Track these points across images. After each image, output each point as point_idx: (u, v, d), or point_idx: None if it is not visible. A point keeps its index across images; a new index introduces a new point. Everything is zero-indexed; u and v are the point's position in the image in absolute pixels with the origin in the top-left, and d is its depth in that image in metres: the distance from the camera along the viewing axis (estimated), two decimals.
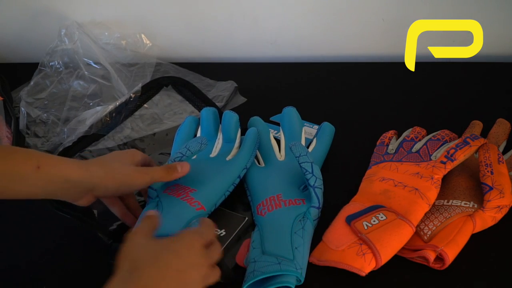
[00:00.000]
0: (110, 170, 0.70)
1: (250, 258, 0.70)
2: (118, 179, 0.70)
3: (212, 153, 0.85)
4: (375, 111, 0.98)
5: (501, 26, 1.03)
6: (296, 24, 1.10)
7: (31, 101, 1.02)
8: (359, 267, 0.69)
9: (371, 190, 0.79)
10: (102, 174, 0.69)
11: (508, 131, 0.89)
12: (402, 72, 1.00)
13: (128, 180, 0.70)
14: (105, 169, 0.69)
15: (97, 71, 1.04)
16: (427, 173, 0.77)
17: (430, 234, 0.72)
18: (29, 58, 1.12)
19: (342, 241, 0.72)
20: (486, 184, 0.74)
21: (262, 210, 0.77)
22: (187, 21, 1.13)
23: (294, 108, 0.91)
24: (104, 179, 0.69)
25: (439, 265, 0.70)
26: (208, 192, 0.76)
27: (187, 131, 0.90)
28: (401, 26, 0.98)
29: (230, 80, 1.04)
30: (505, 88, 1.01)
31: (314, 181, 0.75)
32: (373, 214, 0.73)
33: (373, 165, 0.84)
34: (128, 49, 1.10)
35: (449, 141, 0.83)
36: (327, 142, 0.88)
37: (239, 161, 0.81)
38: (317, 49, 1.14)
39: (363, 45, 1.12)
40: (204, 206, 0.74)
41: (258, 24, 1.11)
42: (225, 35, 1.13)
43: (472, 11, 1.01)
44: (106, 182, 0.69)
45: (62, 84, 1.05)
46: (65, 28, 1.05)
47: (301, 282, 0.69)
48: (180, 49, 1.16)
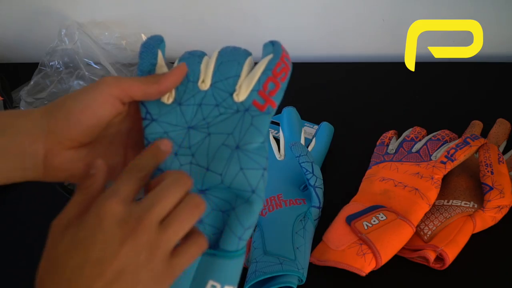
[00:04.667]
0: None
1: (251, 258, 0.70)
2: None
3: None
4: (375, 111, 0.98)
5: (501, 26, 1.03)
6: (296, 24, 1.10)
7: (31, 101, 1.02)
8: (359, 267, 0.69)
9: (371, 190, 0.79)
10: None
11: (508, 131, 0.89)
12: (402, 72, 1.00)
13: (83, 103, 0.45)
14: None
15: (97, 71, 1.04)
16: (427, 173, 0.77)
17: (430, 234, 0.72)
18: (29, 58, 1.12)
19: (342, 241, 0.72)
20: (486, 184, 0.75)
21: (262, 210, 0.77)
22: (187, 21, 1.13)
23: (294, 108, 0.91)
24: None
25: (439, 265, 0.71)
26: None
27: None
28: (401, 26, 0.98)
29: None
30: (505, 88, 1.01)
31: (314, 181, 0.75)
32: (373, 214, 0.73)
33: (373, 165, 0.84)
34: (128, 49, 1.09)
35: (449, 141, 0.83)
36: (326, 142, 0.88)
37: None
38: (317, 49, 1.14)
39: (363, 45, 1.12)
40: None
41: (258, 24, 1.11)
42: (225, 35, 1.13)
43: (472, 11, 1.01)
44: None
45: (62, 84, 1.05)
46: (65, 28, 1.05)
47: (302, 282, 0.69)
48: (180, 49, 1.16)
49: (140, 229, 0.40)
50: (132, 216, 0.40)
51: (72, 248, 0.40)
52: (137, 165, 0.44)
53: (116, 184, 0.42)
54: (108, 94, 0.46)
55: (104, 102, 0.46)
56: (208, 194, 0.47)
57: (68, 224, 0.41)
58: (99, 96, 0.45)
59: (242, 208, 0.46)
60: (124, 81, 0.46)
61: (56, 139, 0.46)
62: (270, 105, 0.48)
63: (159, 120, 0.48)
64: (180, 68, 0.49)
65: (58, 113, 0.45)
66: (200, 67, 0.50)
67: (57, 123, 0.45)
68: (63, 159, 0.46)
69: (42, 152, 0.46)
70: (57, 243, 0.41)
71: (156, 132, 0.48)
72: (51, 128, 0.45)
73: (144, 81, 0.47)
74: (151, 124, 0.48)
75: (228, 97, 0.49)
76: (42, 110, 0.46)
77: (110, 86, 0.46)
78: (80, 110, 0.45)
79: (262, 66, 0.49)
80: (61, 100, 0.46)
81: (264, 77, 0.48)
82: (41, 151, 0.45)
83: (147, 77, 0.48)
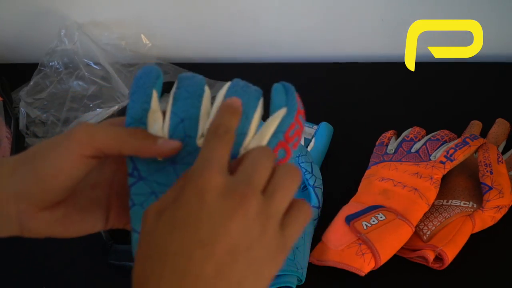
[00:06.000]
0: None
1: None
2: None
3: None
4: (375, 111, 0.98)
5: (501, 26, 1.03)
6: (296, 24, 1.10)
7: (30, 101, 1.02)
8: (359, 267, 0.69)
9: (371, 190, 0.79)
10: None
11: (507, 131, 0.89)
12: (402, 72, 1.00)
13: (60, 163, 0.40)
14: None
15: (97, 72, 1.04)
16: (427, 173, 0.77)
17: (429, 234, 0.72)
18: (29, 58, 1.12)
19: (342, 241, 0.72)
20: (486, 184, 0.74)
21: None
22: (187, 21, 1.13)
23: None
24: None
25: (438, 265, 0.71)
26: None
27: None
28: (401, 26, 0.98)
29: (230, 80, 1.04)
30: (505, 88, 1.01)
31: (314, 181, 0.75)
32: (372, 214, 0.73)
33: (373, 165, 0.84)
34: (128, 49, 1.09)
35: (448, 141, 0.83)
36: (325, 142, 0.88)
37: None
38: (317, 49, 1.14)
39: (362, 45, 1.12)
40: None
41: (258, 24, 1.11)
42: (225, 35, 1.13)
43: (472, 11, 1.01)
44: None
45: (61, 84, 1.05)
46: (65, 28, 1.05)
47: (302, 282, 0.69)
48: (180, 49, 1.16)
49: (248, 200, 0.35)
50: (235, 186, 0.35)
51: (172, 230, 0.35)
52: (220, 125, 0.38)
53: (205, 152, 0.37)
54: (79, 155, 0.39)
55: (77, 163, 0.39)
56: None
57: (165, 207, 0.36)
58: (71, 156, 0.39)
59: None
60: (99, 137, 0.39)
61: (27, 201, 0.40)
62: None
63: (147, 179, 0.41)
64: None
65: (27, 175, 0.40)
66: (200, 114, 0.41)
67: (26, 187, 0.40)
68: (38, 221, 0.41)
69: (15, 214, 0.41)
70: (154, 229, 0.36)
71: (144, 193, 0.41)
72: (21, 190, 0.40)
73: (137, 137, 0.40)
74: (138, 183, 0.41)
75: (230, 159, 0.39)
76: (10, 168, 0.41)
77: (81, 146, 0.39)
78: (51, 175, 0.39)
79: (273, 125, 0.40)
80: (29, 159, 0.41)
81: (274, 141, 0.40)
82: (13, 213, 0.41)
83: (138, 132, 0.40)
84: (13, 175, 0.40)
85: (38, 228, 0.41)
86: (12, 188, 0.40)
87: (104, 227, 0.43)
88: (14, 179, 0.40)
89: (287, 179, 0.37)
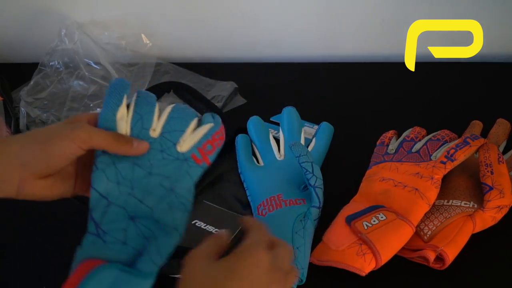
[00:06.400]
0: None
1: None
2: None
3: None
4: (375, 111, 0.99)
5: (501, 26, 1.03)
6: (296, 24, 1.10)
7: (30, 100, 1.02)
8: (359, 267, 0.69)
9: (371, 190, 0.79)
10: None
11: (508, 131, 0.89)
12: (402, 72, 1.00)
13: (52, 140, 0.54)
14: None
15: (97, 71, 1.04)
16: (427, 173, 0.77)
17: (430, 234, 0.72)
18: (29, 58, 1.12)
19: (342, 241, 0.72)
20: (486, 184, 0.75)
21: (262, 210, 0.77)
22: (187, 21, 1.13)
23: (293, 108, 0.90)
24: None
25: (439, 265, 0.71)
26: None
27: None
28: (401, 26, 0.98)
29: (230, 80, 1.04)
30: (505, 88, 1.01)
31: (314, 181, 0.75)
32: (373, 214, 0.73)
33: (373, 165, 0.84)
34: (128, 49, 1.10)
35: (449, 141, 0.83)
36: (326, 142, 0.88)
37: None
38: (317, 49, 1.14)
39: (363, 45, 1.12)
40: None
41: (258, 24, 1.11)
42: (225, 35, 1.13)
43: (472, 11, 1.01)
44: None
45: (62, 84, 1.05)
46: (65, 28, 1.05)
47: (302, 282, 0.69)
48: (180, 49, 1.16)
49: (283, 278, 0.53)
50: (275, 265, 0.53)
51: (230, 275, 0.51)
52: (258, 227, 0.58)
53: (257, 234, 0.55)
54: (78, 147, 0.54)
55: (75, 151, 0.55)
56: (136, 222, 0.55)
57: (208, 256, 0.53)
58: (73, 146, 0.54)
59: (162, 240, 0.54)
60: (95, 138, 0.55)
61: (30, 170, 0.54)
62: (205, 161, 0.58)
63: (110, 154, 0.57)
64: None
65: (37, 152, 0.54)
66: (153, 117, 0.59)
67: (34, 161, 0.54)
68: (34, 187, 0.55)
69: (17, 179, 0.54)
70: (206, 269, 0.52)
71: (106, 162, 0.57)
72: (28, 162, 0.53)
73: (117, 140, 0.56)
74: (103, 155, 0.57)
75: (172, 146, 0.58)
76: (21, 142, 0.54)
77: (81, 141, 0.54)
78: (57, 156, 0.54)
79: (205, 129, 0.59)
80: (39, 141, 0.54)
81: (204, 138, 0.58)
82: (16, 179, 0.54)
83: (121, 138, 0.56)
84: (22, 150, 0.53)
85: (32, 193, 0.55)
86: (20, 159, 0.53)
87: (73, 193, 0.58)
88: (23, 153, 0.53)
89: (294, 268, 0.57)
